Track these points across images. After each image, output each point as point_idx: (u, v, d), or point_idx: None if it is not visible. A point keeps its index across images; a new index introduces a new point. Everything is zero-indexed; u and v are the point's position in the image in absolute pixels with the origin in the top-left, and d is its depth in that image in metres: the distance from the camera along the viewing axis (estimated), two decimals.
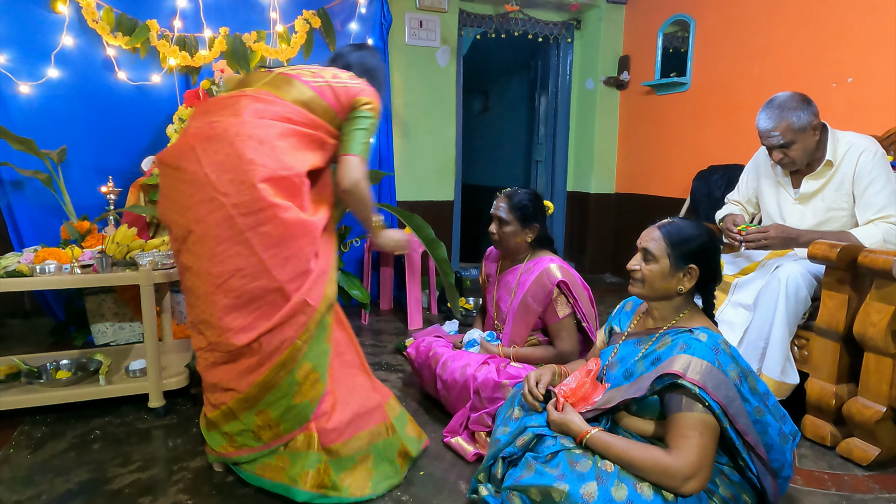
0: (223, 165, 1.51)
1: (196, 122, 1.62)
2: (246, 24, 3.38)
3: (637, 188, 4.54)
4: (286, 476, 1.66)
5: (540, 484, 1.37)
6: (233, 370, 1.61)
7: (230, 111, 1.58)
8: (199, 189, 1.51)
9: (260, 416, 1.65)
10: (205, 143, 1.53)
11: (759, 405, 1.41)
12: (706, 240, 1.49)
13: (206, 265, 1.53)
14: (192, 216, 1.53)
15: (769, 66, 3.33)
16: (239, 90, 1.67)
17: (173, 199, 1.59)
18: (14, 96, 3.04)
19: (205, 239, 1.53)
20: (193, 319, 1.65)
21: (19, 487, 1.74)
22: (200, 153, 1.52)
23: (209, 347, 1.63)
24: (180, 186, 1.55)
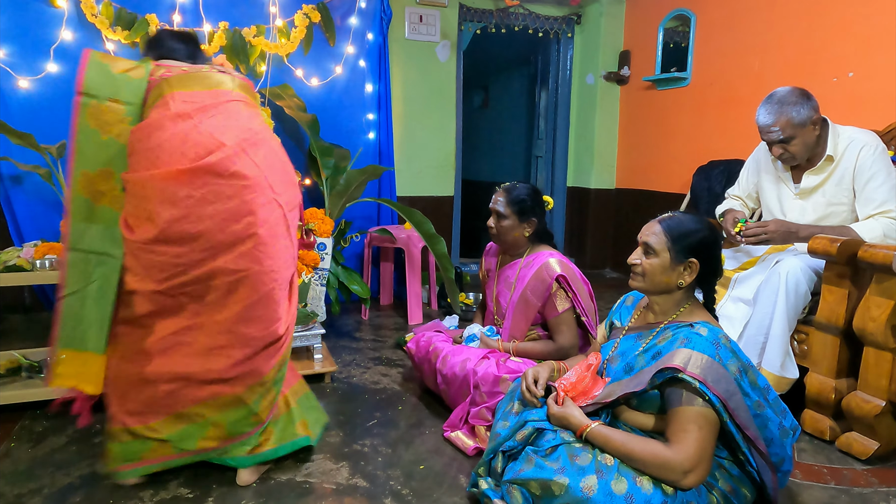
0: (273, 167, 1.64)
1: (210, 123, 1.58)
2: (245, 19, 3.37)
3: (637, 183, 4.53)
4: (271, 443, 1.75)
5: (540, 477, 1.37)
6: (260, 357, 1.65)
7: (246, 116, 1.67)
8: (262, 193, 1.59)
9: (268, 396, 1.71)
10: (253, 147, 1.61)
11: (759, 399, 1.41)
12: (707, 234, 1.49)
13: (269, 263, 1.60)
14: (257, 220, 1.57)
15: (770, 60, 3.32)
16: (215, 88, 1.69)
17: (219, 207, 1.54)
18: (13, 91, 3.03)
19: (269, 240, 1.60)
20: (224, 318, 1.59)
21: (20, 481, 1.74)
22: (254, 157, 1.59)
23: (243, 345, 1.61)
24: (238, 192, 1.55)
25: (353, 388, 2.48)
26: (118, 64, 1.64)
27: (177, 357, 1.62)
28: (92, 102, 1.56)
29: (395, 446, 1.99)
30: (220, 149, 1.55)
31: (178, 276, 1.56)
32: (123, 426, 1.65)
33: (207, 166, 1.53)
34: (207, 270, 1.56)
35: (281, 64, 3.50)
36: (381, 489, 1.73)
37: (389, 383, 2.54)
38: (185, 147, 1.55)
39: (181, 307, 1.61)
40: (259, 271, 1.59)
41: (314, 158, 3.37)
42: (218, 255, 1.56)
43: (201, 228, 1.54)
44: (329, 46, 3.61)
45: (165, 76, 1.65)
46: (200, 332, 1.61)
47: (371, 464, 1.87)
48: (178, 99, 1.62)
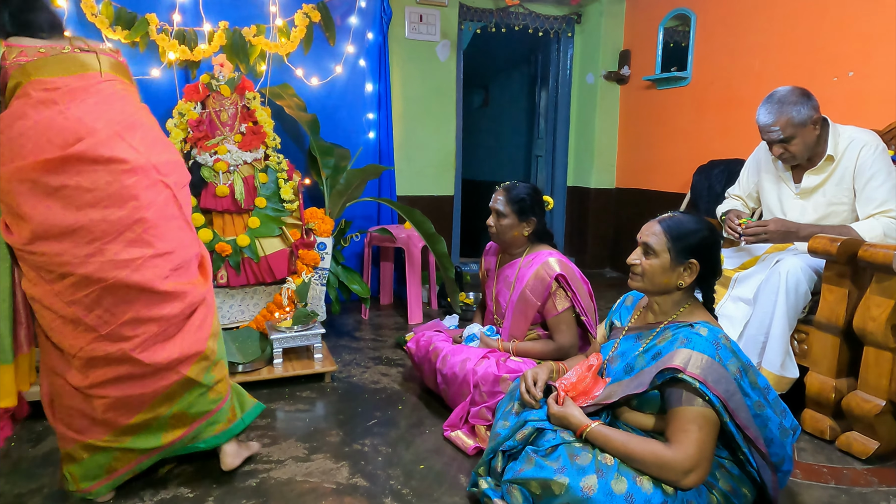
0: (155, 148, 1.59)
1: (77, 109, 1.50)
2: (245, 18, 3.36)
3: (637, 183, 4.53)
4: (237, 416, 1.77)
5: (540, 477, 1.37)
6: (190, 332, 1.62)
7: (119, 97, 1.60)
8: (145, 175, 1.54)
9: (216, 369, 1.69)
10: (129, 131, 1.55)
11: (759, 399, 1.41)
12: (707, 234, 1.49)
13: (160, 245, 1.55)
14: (141, 204, 1.52)
15: (770, 60, 3.32)
16: (81, 73, 1.58)
17: (99, 195, 1.47)
18: None
19: (158, 222, 1.55)
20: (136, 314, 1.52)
21: (21, 481, 1.74)
22: (131, 141, 1.54)
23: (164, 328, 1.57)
24: (117, 178, 1.49)
25: (353, 388, 2.48)
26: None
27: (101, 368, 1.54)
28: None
29: (395, 446, 1.99)
30: (91, 135, 1.48)
31: (65, 276, 1.47)
32: (78, 443, 1.57)
33: (79, 153, 1.46)
34: (97, 266, 1.47)
35: (281, 63, 3.50)
36: (382, 489, 1.73)
37: (389, 383, 2.54)
38: (51, 134, 1.46)
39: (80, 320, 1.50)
40: (154, 255, 1.53)
41: (314, 158, 3.37)
42: (105, 248, 1.48)
43: (82, 220, 1.46)
44: (329, 46, 3.61)
45: (20, 62, 1.53)
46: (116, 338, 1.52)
47: (371, 463, 1.88)
48: (39, 86, 1.51)
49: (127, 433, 1.59)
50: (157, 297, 1.55)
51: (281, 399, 2.35)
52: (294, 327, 2.51)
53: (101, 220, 1.47)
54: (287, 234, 2.86)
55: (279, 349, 2.50)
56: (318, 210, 3.05)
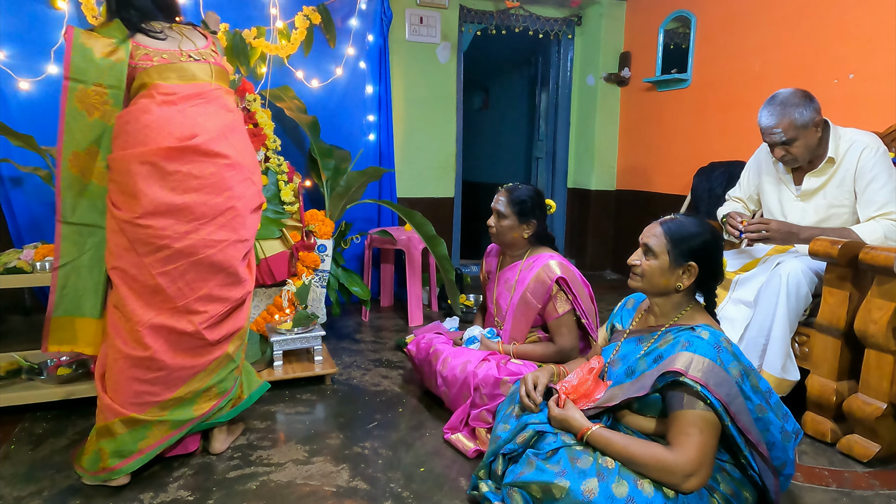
0: (246, 151, 1.86)
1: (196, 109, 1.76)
2: (246, 20, 3.36)
3: (638, 185, 4.53)
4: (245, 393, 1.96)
5: (541, 480, 1.37)
6: (240, 315, 1.85)
7: (225, 107, 1.85)
8: (239, 171, 1.79)
9: (244, 347, 1.92)
10: (231, 133, 1.81)
11: (761, 403, 1.41)
12: (708, 238, 1.49)
13: (243, 233, 1.80)
14: (235, 194, 1.78)
15: (770, 62, 3.32)
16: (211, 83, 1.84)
17: (204, 182, 1.72)
18: (14, 93, 3.03)
19: (244, 212, 1.81)
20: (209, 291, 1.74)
21: (20, 484, 1.74)
22: (232, 142, 1.80)
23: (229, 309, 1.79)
24: (219, 170, 1.74)
25: (353, 390, 2.47)
26: (98, 46, 1.71)
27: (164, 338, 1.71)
28: (79, 87, 1.68)
29: (395, 448, 1.99)
30: (205, 132, 1.73)
31: (161, 249, 1.68)
32: (119, 417, 1.69)
33: (194, 146, 1.70)
34: (191, 244, 1.70)
35: (281, 65, 3.50)
36: (382, 491, 1.73)
37: (390, 385, 2.54)
38: (171, 128, 1.70)
39: (161, 290, 1.69)
40: (236, 240, 1.78)
41: (314, 160, 3.37)
42: (201, 228, 1.71)
43: (187, 201, 1.69)
44: (329, 48, 3.61)
45: (145, 66, 1.76)
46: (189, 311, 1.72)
47: (371, 466, 1.87)
48: (162, 89, 1.75)
49: (166, 407, 1.75)
50: (231, 279, 1.79)
51: (281, 401, 2.34)
52: (294, 329, 2.51)
53: (202, 203, 1.71)
54: (287, 236, 2.86)
55: (279, 351, 2.49)
56: (319, 212, 3.04)
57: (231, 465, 1.85)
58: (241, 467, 1.84)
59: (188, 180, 1.70)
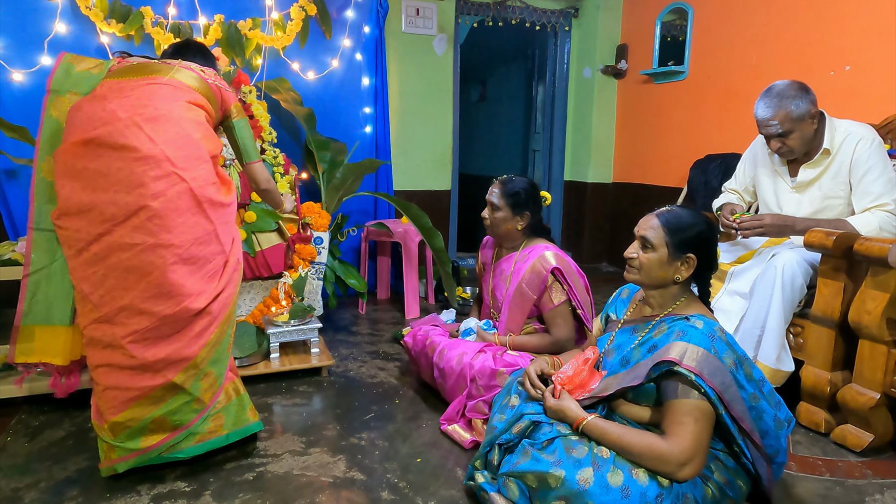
0: (176, 143, 1.62)
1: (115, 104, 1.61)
2: (241, 12, 3.34)
3: (634, 177, 4.53)
4: (224, 429, 1.77)
5: (536, 470, 1.38)
6: (183, 339, 1.64)
7: (160, 96, 1.66)
8: (156, 166, 1.58)
9: (205, 378, 1.70)
10: (152, 122, 1.60)
11: (754, 392, 1.41)
12: (704, 228, 1.49)
13: (166, 237, 1.58)
14: (148, 192, 1.56)
15: (767, 54, 3.32)
16: (151, 76, 1.71)
17: (111, 179, 1.56)
18: (7, 84, 3.01)
19: (164, 213, 1.58)
20: (130, 302, 1.58)
21: (17, 475, 1.74)
22: (151, 133, 1.59)
23: (156, 325, 1.60)
24: (128, 165, 1.56)
25: (350, 382, 2.48)
26: (83, 63, 1.76)
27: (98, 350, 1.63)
28: (56, 97, 1.71)
29: (392, 440, 1.99)
30: (111, 123, 1.58)
31: (81, 252, 1.59)
32: (94, 421, 1.70)
33: (96, 137, 1.57)
34: (105, 245, 1.57)
35: (277, 57, 3.48)
36: (379, 482, 1.74)
37: (386, 377, 2.54)
38: (88, 123, 1.60)
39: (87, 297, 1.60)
40: (154, 244, 1.57)
41: (311, 152, 3.36)
42: (114, 229, 1.56)
43: (95, 199, 1.56)
44: (325, 39, 3.59)
45: (113, 68, 1.74)
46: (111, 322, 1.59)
47: (368, 457, 1.88)
48: (106, 85, 1.68)
49: (114, 429, 1.65)
50: (156, 290, 1.58)
51: (278, 393, 2.35)
52: (291, 322, 2.51)
53: (110, 202, 1.55)
54: (283, 228, 2.86)
55: (276, 344, 2.50)
56: (315, 204, 3.04)
57: (228, 457, 1.85)
58: (238, 458, 1.84)
59: (96, 178, 1.57)
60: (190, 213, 1.62)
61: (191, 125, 1.68)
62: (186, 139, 1.65)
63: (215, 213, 1.68)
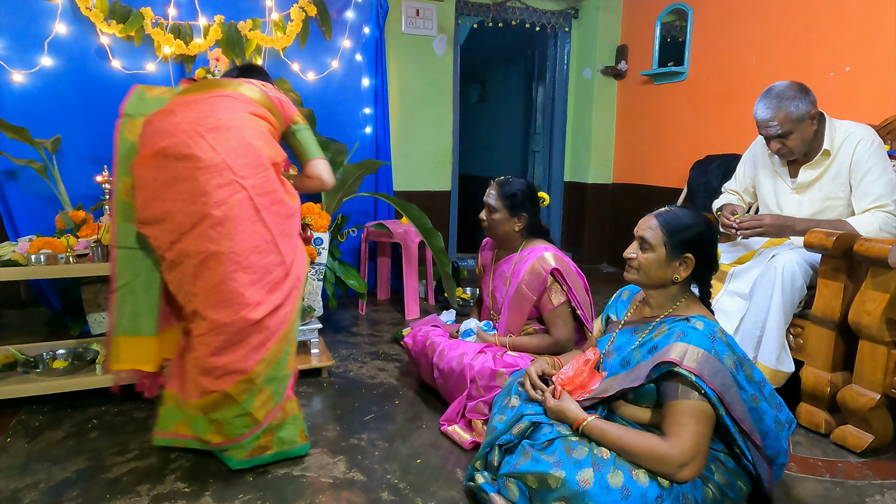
0: (236, 152, 1.65)
1: (181, 116, 1.67)
2: (241, 13, 3.35)
3: (634, 178, 4.53)
4: (273, 446, 1.79)
5: (536, 471, 1.37)
6: (241, 351, 1.65)
7: (223, 107, 1.72)
8: (218, 174, 1.62)
9: (259, 395, 1.71)
10: (214, 132, 1.65)
11: (754, 393, 1.41)
12: (703, 229, 1.49)
13: (228, 244, 1.61)
14: (211, 200, 1.60)
15: (767, 55, 3.32)
16: (215, 90, 1.80)
17: (178, 189, 1.62)
18: (7, 85, 3.01)
19: (226, 220, 1.62)
20: (197, 304, 1.65)
21: (17, 476, 1.74)
22: (213, 142, 1.63)
23: (216, 330, 1.63)
24: (192, 174, 1.61)
25: (350, 383, 2.48)
26: (155, 91, 1.85)
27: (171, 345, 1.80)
28: (128, 120, 1.78)
29: (392, 440, 1.99)
30: (176, 134, 1.63)
31: (163, 259, 1.70)
32: (170, 388, 1.81)
33: (162, 149, 1.63)
34: (177, 252, 1.64)
35: (277, 58, 3.48)
36: (378, 483, 1.73)
37: (386, 378, 2.54)
38: (156, 136, 1.66)
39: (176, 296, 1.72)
40: (217, 252, 1.61)
41: None
42: (183, 237, 1.62)
43: (167, 209, 1.63)
44: (325, 40, 3.60)
45: (180, 90, 1.83)
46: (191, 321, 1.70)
47: (368, 458, 1.88)
48: (174, 101, 1.76)
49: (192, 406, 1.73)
50: (215, 297, 1.63)
51: None
52: None
53: (179, 211, 1.62)
54: None
55: None
56: (315, 205, 3.03)
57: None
58: None
59: (165, 188, 1.63)
60: (249, 222, 1.65)
61: (252, 133, 1.72)
62: (247, 147, 1.68)
63: (274, 221, 1.70)
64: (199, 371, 1.68)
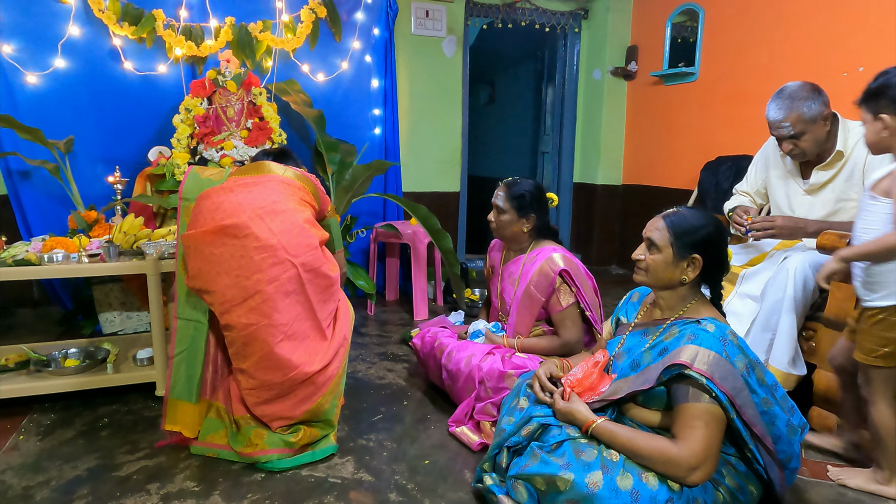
0: (290, 233, 1.81)
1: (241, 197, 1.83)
2: (251, 14, 3.37)
3: (644, 179, 4.51)
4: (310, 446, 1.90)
5: (545, 473, 1.37)
6: (288, 402, 1.83)
7: (277, 191, 1.89)
8: (273, 254, 1.76)
9: (303, 433, 1.86)
10: (271, 215, 1.80)
11: (766, 396, 1.40)
12: (711, 230, 1.48)
13: (276, 317, 1.76)
14: (265, 277, 1.75)
15: (779, 55, 3.29)
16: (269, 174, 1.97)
17: (233, 265, 1.75)
18: (21, 86, 3.05)
19: (276, 296, 1.76)
20: (247, 366, 1.80)
21: (28, 474, 1.76)
22: (269, 223, 1.79)
23: (265, 387, 1.81)
24: (248, 253, 1.75)
25: (358, 383, 2.48)
26: (207, 171, 2.04)
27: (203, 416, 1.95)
28: (187, 204, 1.94)
29: (400, 441, 1.99)
30: (237, 214, 1.77)
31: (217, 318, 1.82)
32: (216, 400, 1.95)
33: (224, 227, 1.76)
34: (227, 321, 1.78)
35: (287, 59, 3.50)
36: (387, 483, 1.73)
37: (395, 378, 2.54)
38: (216, 213, 1.79)
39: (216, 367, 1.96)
40: (267, 324, 1.75)
41: (320, 154, 3.37)
42: (232, 309, 1.75)
43: (218, 283, 1.76)
44: (335, 41, 3.61)
45: (233, 172, 2.01)
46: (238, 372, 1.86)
47: (376, 458, 1.88)
48: (231, 180, 1.94)
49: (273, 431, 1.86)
50: (265, 363, 1.77)
51: None
52: None
53: (231, 286, 1.75)
54: None
55: None
56: None
57: None
58: None
59: (220, 262, 1.75)
60: (294, 294, 1.80)
61: (301, 217, 1.88)
62: (299, 229, 1.84)
63: (314, 291, 1.85)
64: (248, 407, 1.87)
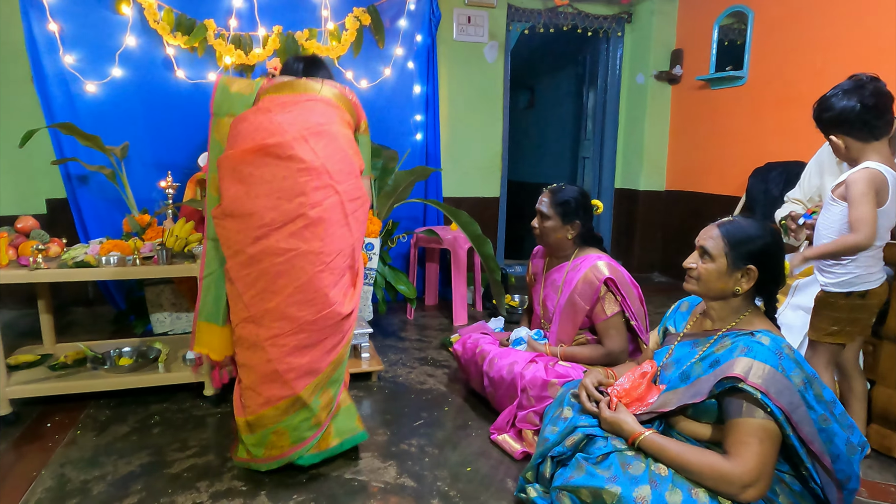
0: (333, 158, 1.74)
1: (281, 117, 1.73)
2: (298, 23, 3.44)
3: (688, 185, 4.41)
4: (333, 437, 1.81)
5: (591, 485, 1.35)
6: (316, 352, 1.72)
7: (319, 112, 1.80)
8: (317, 177, 1.69)
9: (324, 395, 1.77)
10: (315, 137, 1.73)
11: (824, 413, 1.35)
12: (768, 241, 1.44)
13: (318, 245, 1.68)
14: (308, 201, 1.67)
15: (832, 57, 3.17)
16: (306, 93, 1.85)
17: (275, 187, 1.67)
18: (81, 95, 3.19)
19: (319, 222, 1.69)
20: (275, 304, 1.68)
21: (86, 468, 1.83)
22: (314, 146, 1.71)
23: (296, 329, 1.69)
24: (292, 174, 1.67)
25: (399, 388, 2.50)
26: (236, 84, 1.90)
27: (243, 350, 1.76)
28: (217, 119, 1.85)
29: (441, 447, 2.00)
30: (280, 134, 1.69)
31: (238, 253, 1.70)
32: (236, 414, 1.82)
33: (266, 147, 1.68)
34: (261, 248, 1.67)
35: (332, 66, 3.55)
36: (429, 490, 1.74)
37: (435, 384, 2.55)
38: (256, 133, 1.71)
39: (240, 296, 1.72)
40: (307, 251, 1.67)
41: None
42: (271, 233, 1.66)
43: (257, 205, 1.67)
44: (378, 48, 3.65)
45: (265, 87, 1.88)
46: (257, 323, 1.70)
47: (418, 464, 1.89)
48: (267, 100, 1.82)
49: (250, 427, 1.75)
50: (301, 296, 1.68)
51: None
52: None
53: (271, 208, 1.66)
54: None
55: None
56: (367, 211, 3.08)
57: None
58: None
59: (260, 184, 1.67)
60: (339, 225, 1.74)
61: (345, 141, 1.81)
62: (343, 154, 1.77)
63: (357, 227, 1.79)
64: (268, 378, 1.70)
